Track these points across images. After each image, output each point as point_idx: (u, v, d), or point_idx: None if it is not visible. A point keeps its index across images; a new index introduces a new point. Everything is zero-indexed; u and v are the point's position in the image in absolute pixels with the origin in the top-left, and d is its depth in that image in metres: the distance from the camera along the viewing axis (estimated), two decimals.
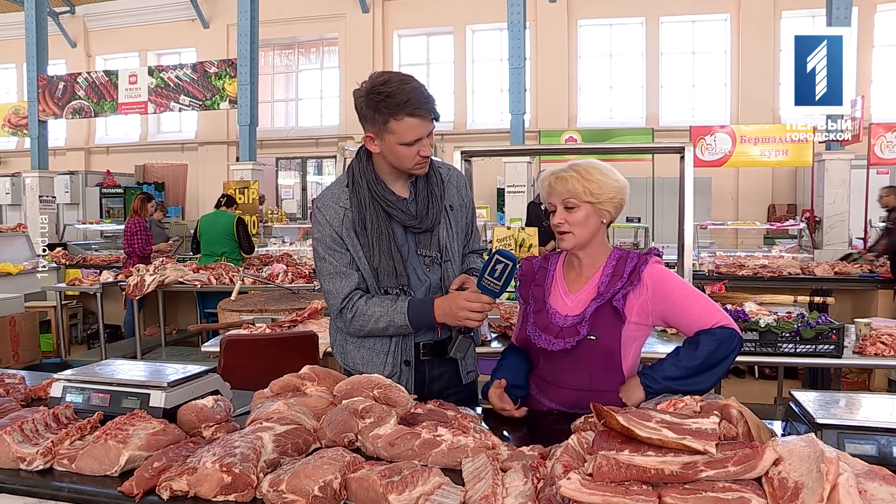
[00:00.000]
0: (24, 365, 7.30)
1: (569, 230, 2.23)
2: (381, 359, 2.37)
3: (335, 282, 2.33)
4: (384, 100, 2.17)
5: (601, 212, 2.22)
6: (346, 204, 2.34)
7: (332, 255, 2.33)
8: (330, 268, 2.34)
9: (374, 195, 2.32)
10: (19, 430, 1.81)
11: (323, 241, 2.34)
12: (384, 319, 2.28)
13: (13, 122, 14.45)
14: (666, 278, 2.22)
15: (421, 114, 2.18)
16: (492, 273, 2.16)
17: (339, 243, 2.33)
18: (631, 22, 15.31)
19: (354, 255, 2.32)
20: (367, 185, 2.33)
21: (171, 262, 8.01)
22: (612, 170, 2.25)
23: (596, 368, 2.21)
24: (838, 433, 1.64)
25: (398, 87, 2.17)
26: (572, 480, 1.40)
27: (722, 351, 2.09)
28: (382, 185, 2.34)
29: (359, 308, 2.30)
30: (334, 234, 2.33)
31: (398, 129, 2.19)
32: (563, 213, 2.24)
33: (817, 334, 3.60)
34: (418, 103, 2.17)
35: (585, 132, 12.84)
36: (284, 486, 1.52)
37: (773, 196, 14.21)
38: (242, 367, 3.39)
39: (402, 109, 2.16)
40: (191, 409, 1.93)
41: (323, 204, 2.37)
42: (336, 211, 2.34)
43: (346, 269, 2.33)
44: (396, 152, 2.24)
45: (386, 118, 2.18)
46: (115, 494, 1.60)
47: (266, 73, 16.72)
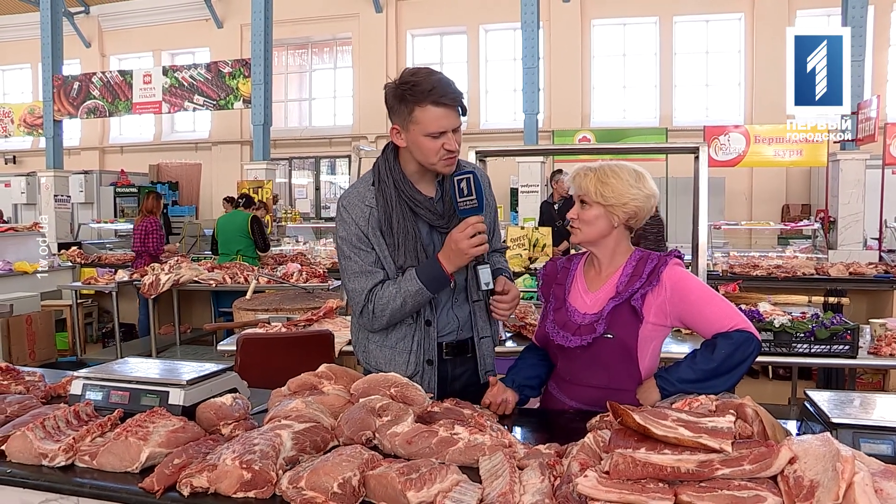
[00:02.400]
0: (40, 363, 7.36)
1: (578, 225, 2.29)
2: (404, 357, 2.37)
3: (360, 280, 2.33)
4: (410, 89, 2.18)
5: (611, 215, 2.24)
6: (371, 203, 2.33)
7: (357, 253, 2.33)
8: (355, 267, 2.33)
9: (400, 194, 2.32)
10: (41, 426, 1.84)
11: (348, 239, 2.34)
12: (399, 295, 2.27)
13: (28, 122, 14.53)
14: (685, 280, 2.23)
15: (446, 102, 2.18)
16: (461, 194, 2.21)
17: (365, 242, 2.32)
18: (644, 21, 15.25)
19: (380, 254, 2.32)
20: (393, 184, 2.32)
21: (185, 261, 8.06)
22: (639, 176, 2.26)
23: (613, 366, 2.22)
24: (854, 433, 1.65)
25: (426, 77, 2.18)
26: (589, 478, 1.41)
27: (739, 355, 2.09)
28: (409, 183, 2.33)
29: (377, 296, 2.30)
30: (360, 232, 2.32)
31: (423, 119, 2.19)
32: (577, 208, 2.29)
33: (832, 335, 3.59)
34: (443, 92, 2.17)
35: (599, 132, 12.79)
36: (304, 482, 1.54)
37: (788, 196, 14.13)
38: (259, 366, 3.42)
39: (426, 97, 2.16)
40: (209, 407, 1.95)
41: (349, 202, 2.37)
42: (362, 210, 2.33)
43: (372, 267, 2.32)
44: (421, 145, 2.23)
45: (411, 107, 2.19)
46: (136, 490, 1.62)
47: (280, 73, 16.75)
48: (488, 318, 2.48)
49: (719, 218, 11.88)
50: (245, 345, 3.56)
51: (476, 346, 2.46)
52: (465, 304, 2.44)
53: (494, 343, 2.54)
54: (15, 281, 8.56)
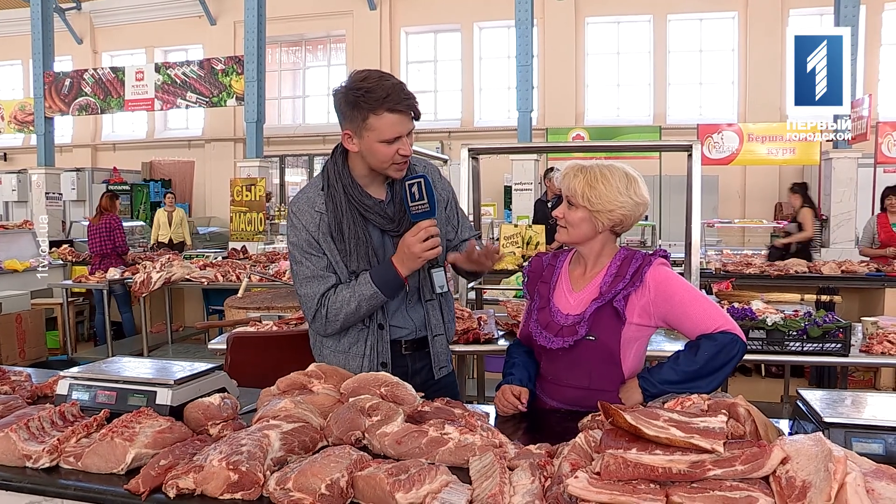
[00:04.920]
0: (31, 362, 7.33)
1: (564, 225, 2.27)
2: (358, 362, 2.36)
3: (312, 285, 2.31)
4: (363, 95, 2.14)
5: (596, 221, 2.21)
6: (321, 208, 2.32)
7: (308, 259, 2.31)
8: (307, 272, 2.32)
9: (350, 199, 2.30)
10: (25, 427, 1.80)
11: (299, 245, 2.32)
12: (354, 299, 2.26)
13: (19, 119, 14.47)
14: (669, 280, 2.20)
15: (401, 109, 2.16)
16: (413, 199, 2.19)
17: (316, 248, 2.31)
18: (638, 20, 15.27)
19: (332, 259, 2.31)
20: (343, 189, 2.30)
21: (177, 258, 8.03)
22: (630, 182, 2.21)
23: (595, 368, 2.21)
24: (846, 432, 1.64)
25: (378, 83, 2.14)
26: (580, 479, 1.40)
27: (722, 357, 2.07)
28: (359, 188, 2.31)
29: (330, 300, 2.29)
30: (310, 238, 2.31)
31: (378, 126, 2.16)
32: (564, 207, 2.27)
33: (824, 333, 3.58)
34: (398, 99, 2.14)
35: (593, 130, 12.80)
36: (291, 484, 1.52)
37: (780, 194, 14.16)
38: (249, 365, 3.38)
39: (381, 105, 2.13)
40: (197, 407, 1.93)
41: (298, 208, 2.35)
42: (312, 216, 2.32)
43: (323, 272, 2.31)
44: (375, 151, 2.20)
45: (365, 114, 2.16)
46: (122, 492, 1.60)
47: (273, 70, 16.73)
48: (441, 317, 2.48)
49: (713, 216, 11.93)
50: (235, 343, 3.53)
51: (430, 344, 2.46)
52: (418, 306, 2.43)
53: (448, 339, 2.54)
54: (5, 279, 8.52)
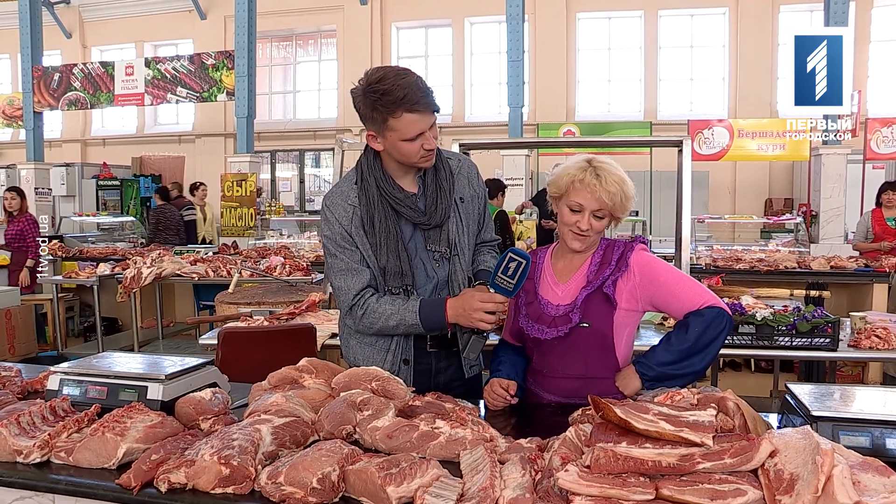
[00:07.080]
0: (21, 358, 7.28)
1: (589, 234, 2.24)
2: (382, 356, 2.38)
3: (346, 278, 2.32)
4: (381, 98, 2.14)
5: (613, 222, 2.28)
6: (354, 202, 2.33)
7: (342, 252, 2.32)
8: (341, 264, 2.33)
9: (382, 193, 2.31)
10: (16, 422, 1.80)
11: (333, 238, 2.34)
12: (395, 318, 2.26)
13: (8, 114, 14.39)
14: (652, 263, 2.26)
15: (419, 108, 2.15)
16: (505, 271, 2.11)
17: (349, 241, 2.32)
18: (629, 15, 15.28)
19: (364, 252, 2.31)
20: (375, 183, 2.32)
21: (168, 254, 7.99)
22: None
23: (591, 355, 2.23)
24: (833, 425, 1.65)
25: (394, 83, 2.13)
26: (570, 472, 1.41)
27: (712, 331, 2.12)
28: (390, 181, 2.33)
29: (370, 305, 2.29)
30: (344, 231, 2.32)
31: (398, 127, 2.17)
32: (590, 220, 2.21)
33: (813, 328, 3.61)
34: (416, 98, 2.13)
35: (584, 125, 12.81)
36: (283, 478, 1.52)
37: (771, 190, 14.24)
38: (240, 360, 3.39)
39: (399, 106, 2.13)
40: (189, 402, 1.93)
41: (332, 202, 2.37)
42: (345, 209, 2.33)
43: (358, 265, 2.32)
44: (400, 149, 2.22)
45: (385, 116, 2.16)
46: (113, 487, 1.60)
47: (264, 65, 16.65)
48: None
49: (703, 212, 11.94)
50: (226, 338, 3.54)
51: (459, 341, 2.43)
52: None
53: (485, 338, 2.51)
54: None
